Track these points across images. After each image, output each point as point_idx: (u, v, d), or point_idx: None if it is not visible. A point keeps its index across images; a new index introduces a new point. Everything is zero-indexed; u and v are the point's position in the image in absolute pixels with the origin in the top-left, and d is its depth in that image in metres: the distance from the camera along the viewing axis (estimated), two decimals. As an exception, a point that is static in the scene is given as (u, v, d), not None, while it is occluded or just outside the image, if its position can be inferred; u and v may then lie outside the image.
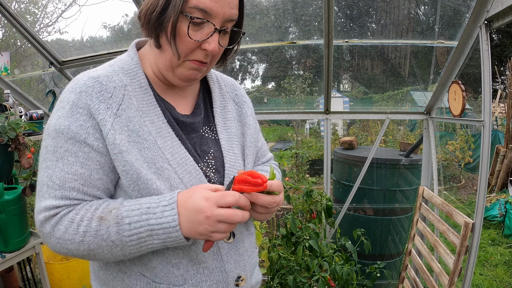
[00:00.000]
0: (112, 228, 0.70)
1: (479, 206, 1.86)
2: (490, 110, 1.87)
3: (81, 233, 0.71)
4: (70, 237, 0.71)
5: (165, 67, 0.79)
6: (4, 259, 1.83)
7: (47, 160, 0.74)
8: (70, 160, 0.72)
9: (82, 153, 0.73)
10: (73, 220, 0.71)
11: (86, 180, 0.73)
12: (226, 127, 0.92)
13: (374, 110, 3.02)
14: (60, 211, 0.73)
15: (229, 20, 0.76)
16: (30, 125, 2.01)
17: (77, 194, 0.73)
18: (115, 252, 0.72)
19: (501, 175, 5.66)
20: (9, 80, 2.91)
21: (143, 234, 0.70)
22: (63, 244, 0.72)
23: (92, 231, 0.71)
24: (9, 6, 2.41)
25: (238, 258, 0.86)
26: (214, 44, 0.75)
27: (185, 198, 0.71)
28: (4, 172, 1.92)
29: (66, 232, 0.71)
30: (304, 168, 6.99)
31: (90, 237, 0.71)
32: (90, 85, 0.75)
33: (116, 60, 0.84)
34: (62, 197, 0.72)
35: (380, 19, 3.17)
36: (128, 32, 4.40)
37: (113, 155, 0.73)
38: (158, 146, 0.76)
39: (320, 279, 1.96)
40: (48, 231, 0.73)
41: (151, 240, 0.71)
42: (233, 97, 1.00)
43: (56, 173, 0.72)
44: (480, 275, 3.55)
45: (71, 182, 0.72)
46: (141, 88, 0.80)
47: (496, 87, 11.11)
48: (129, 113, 0.76)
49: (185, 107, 0.88)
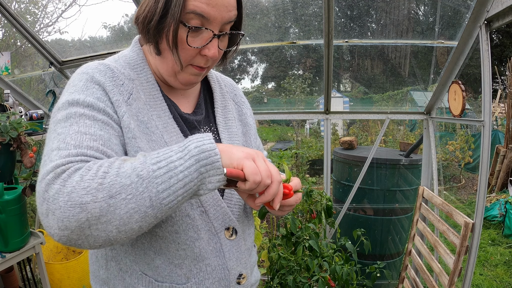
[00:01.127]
0: (138, 160, 0.59)
1: (479, 206, 1.86)
2: (490, 110, 1.87)
3: (100, 175, 0.56)
4: (87, 184, 0.55)
5: (167, 72, 0.78)
6: (4, 259, 1.83)
7: (58, 129, 0.63)
8: (87, 122, 0.64)
9: (101, 117, 0.66)
10: (90, 167, 0.57)
11: (106, 141, 0.64)
12: (227, 126, 0.92)
13: (374, 110, 3.02)
14: (73, 165, 0.58)
15: (227, 22, 0.75)
16: (31, 124, 2.01)
17: (95, 153, 0.61)
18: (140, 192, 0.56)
19: (501, 175, 5.66)
20: (9, 80, 2.91)
21: (174, 157, 0.59)
22: (75, 199, 0.54)
23: (113, 170, 0.57)
24: (9, 6, 2.41)
25: (239, 256, 0.86)
26: (213, 49, 0.74)
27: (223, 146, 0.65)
28: (7, 171, 1.93)
29: (81, 180, 0.55)
30: (304, 168, 6.99)
31: (111, 177, 0.56)
32: (103, 70, 0.73)
33: (120, 55, 0.82)
34: (77, 154, 0.60)
35: (380, 19, 3.17)
36: (128, 32, 4.40)
37: (126, 139, 0.70)
38: (164, 141, 0.76)
39: (320, 279, 1.96)
40: (56, 189, 0.55)
41: (184, 167, 0.59)
42: (232, 97, 1.00)
43: (70, 134, 0.62)
44: (480, 275, 3.55)
45: (89, 141, 0.62)
46: (148, 83, 0.80)
47: (496, 87, 11.11)
48: (138, 104, 0.75)
49: (187, 107, 0.88)
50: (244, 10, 0.82)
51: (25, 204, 1.93)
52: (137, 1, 2.30)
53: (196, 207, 0.78)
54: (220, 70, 2.62)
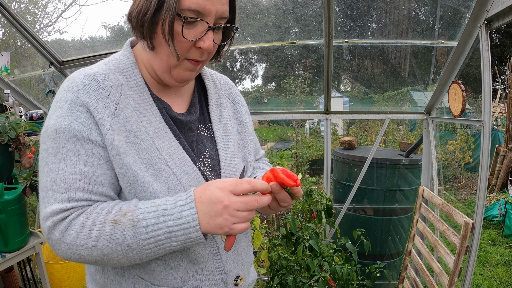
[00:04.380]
0: (128, 231, 0.68)
1: (479, 206, 1.86)
2: (490, 110, 1.87)
3: (94, 237, 0.68)
4: (82, 242, 0.68)
5: (161, 68, 0.77)
6: (4, 259, 1.83)
7: (49, 163, 0.71)
8: (73, 159, 0.71)
9: (85, 150, 0.71)
10: (84, 224, 0.69)
11: (90, 178, 0.71)
12: (222, 124, 0.92)
13: (374, 110, 3.02)
14: (69, 214, 0.70)
15: (221, 17, 0.75)
16: (30, 125, 2.01)
17: (83, 194, 0.71)
18: (130, 256, 0.70)
19: (501, 175, 5.66)
20: (9, 80, 2.91)
21: (161, 236, 0.68)
22: (74, 250, 0.69)
23: (105, 235, 0.68)
24: (9, 6, 2.41)
25: (236, 258, 0.86)
26: (208, 42, 0.74)
27: (200, 192, 0.69)
28: (5, 171, 1.93)
29: (77, 237, 0.68)
30: (304, 168, 6.99)
31: (103, 242, 0.68)
32: (87, 83, 0.73)
33: (110, 59, 0.82)
34: (68, 200, 0.70)
35: (380, 19, 3.17)
36: (128, 32, 4.40)
37: (111, 157, 0.72)
38: (156, 147, 0.76)
39: (320, 279, 1.96)
40: (57, 237, 0.69)
41: (170, 243, 0.69)
42: (228, 95, 0.99)
43: (60, 175, 0.70)
44: (480, 275, 3.55)
45: (75, 182, 0.70)
46: (138, 87, 0.79)
47: (496, 87, 11.11)
48: (126, 113, 0.75)
49: (181, 106, 0.88)
50: (240, 10, 0.81)
51: (25, 204, 1.93)
52: (137, 1, 2.30)
53: None
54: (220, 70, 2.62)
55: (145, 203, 0.71)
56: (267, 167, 1.05)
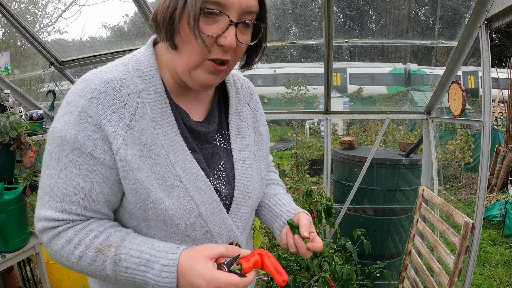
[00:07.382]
0: (109, 264, 0.71)
1: (479, 206, 1.86)
2: (490, 110, 1.87)
3: (76, 256, 0.72)
4: (66, 255, 0.73)
5: (183, 69, 0.73)
6: (4, 259, 1.83)
7: (51, 167, 0.72)
8: (73, 172, 0.70)
9: (86, 166, 0.70)
10: (70, 240, 0.72)
11: (87, 194, 0.72)
12: (239, 135, 0.88)
13: (374, 110, 3.02)
14: (59, 225, 0.73)
15: (247, 12, 0.69)
16: (31, 124, 2.01)
17: (77, 209, 0.72)
18: (108, 280, 0.74)
19: (501, 175, 5.66)
20: (9, 80, 2.91)
21: (138, 281, 0.71)
22: (58, 258, 0.75)
23: (87, 259, 0.72)
24: (9, 6, 2.41)
25: None
26: (230, 38, 0.68)
27: (184, 268, 0.68)
28: (6, 171, 1.93)
29: (62, 249, 0.73)
30: (304, 168, 6.98)
31: (84, 263, 0.72)
32: (103, 91, 0.70)
33: (131, 58, 0.77)
34: (62, 210, 0.72)
35: (380, 19, 3.17)
36: (128, 32, 4.40)
37: (123, 172, 0.71)
38: (170, 162, 0.74)
39: (320, 279, 1.96)
40: (45, 241, 0.75)
41: (146, 286, 0.71)
42: (248, 102, 0.95)
43: (58, 184, 0.71)
44: (480, 275, 3.55)
45: (71, 195, 0.71)
46: (156, 94, 0.75)
47: (496, 87, 11.09)
48: (142, 125, 0.72)
49: (199, 113, 0.84)
50: (266, 1, 0.75)
51: (25, 204, 1.93)
52: (137, 1, 2.30)
53: (200, 227, 0.78)
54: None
55: (132, 243, 0.72)
56: (277, 190, 1.03)
